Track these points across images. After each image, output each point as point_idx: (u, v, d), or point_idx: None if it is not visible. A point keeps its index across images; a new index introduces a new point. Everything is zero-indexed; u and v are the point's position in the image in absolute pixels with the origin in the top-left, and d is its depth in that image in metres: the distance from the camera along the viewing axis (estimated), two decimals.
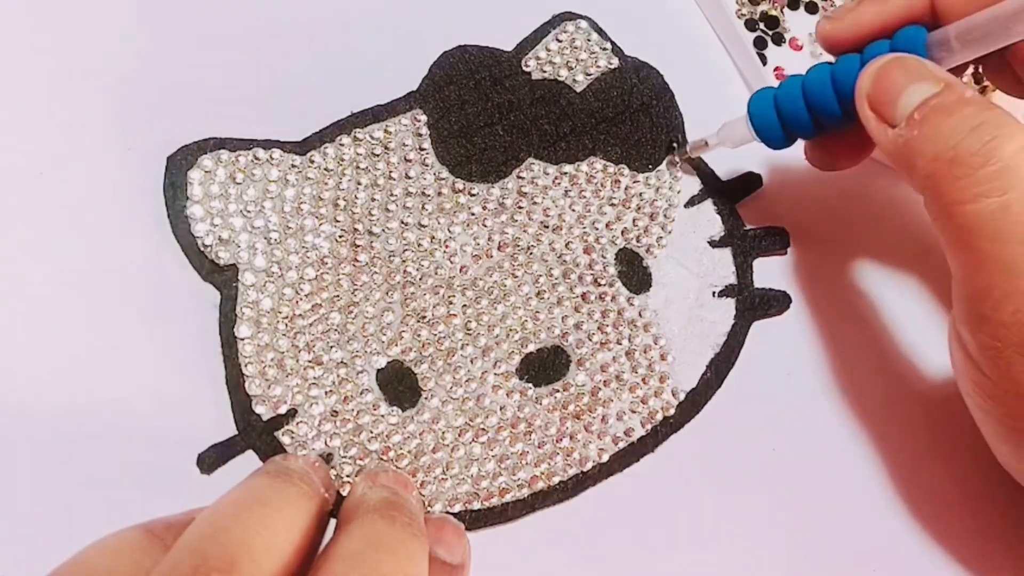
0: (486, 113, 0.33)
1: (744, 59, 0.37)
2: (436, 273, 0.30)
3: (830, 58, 0.29)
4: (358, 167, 0.31)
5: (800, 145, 0.31)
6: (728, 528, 0.30)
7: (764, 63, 0.37)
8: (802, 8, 0.39)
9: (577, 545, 0.29)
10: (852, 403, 0.32)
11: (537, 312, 0.31)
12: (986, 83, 0.39)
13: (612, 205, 0.33)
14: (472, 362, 0.30)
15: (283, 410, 0.28)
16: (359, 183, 0.31)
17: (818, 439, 0.32)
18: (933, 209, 0.25)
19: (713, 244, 0.33)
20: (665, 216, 0.33)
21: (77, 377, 0.28)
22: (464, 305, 0.30)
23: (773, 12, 0.38)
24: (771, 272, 0.34)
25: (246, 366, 0.28)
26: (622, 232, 0.33)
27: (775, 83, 0.36)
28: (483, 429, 0.29)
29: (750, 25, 0.37)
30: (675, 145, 0.34)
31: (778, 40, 0.38)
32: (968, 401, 0.27)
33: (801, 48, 0.38)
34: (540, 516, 0.29)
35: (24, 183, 0.29)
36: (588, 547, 0.29)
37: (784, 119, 0.29)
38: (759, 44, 0.37)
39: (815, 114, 0.28)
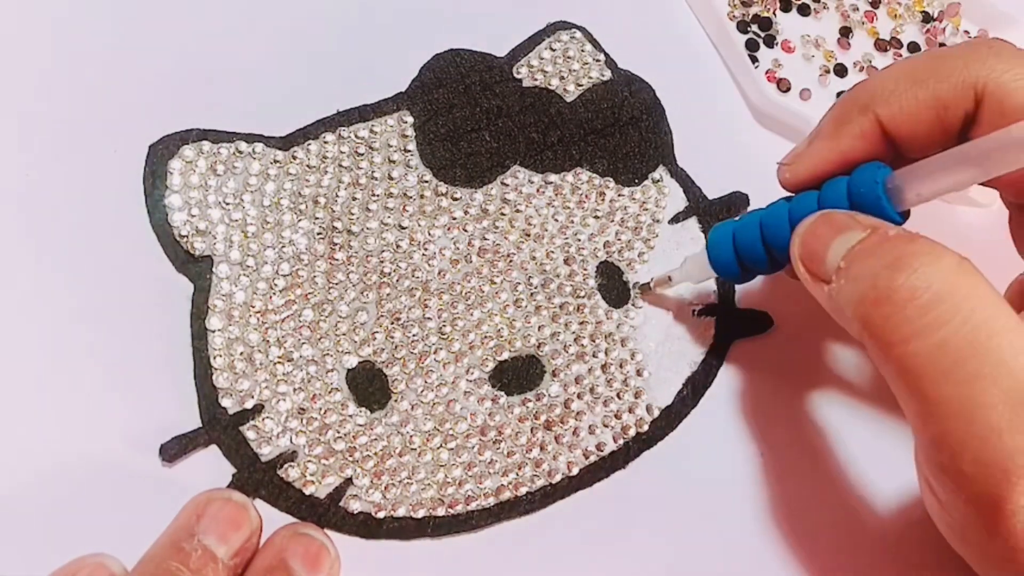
0: (474, 118, 0.32)
1: (735, 61, 0.37)
2: (413, 275, 0.30)
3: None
4: (341, 165, 0.31)
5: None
6: (695, 553, 0.29)
7: (756, 65, 0.37)
8: (795, 10, 0.39)
9: (541, 560, 0.28)
10: (833, 426, 0.32)
11: (513, 320, 0.30)
12: None
13: (596, 217, 0.33)
14: (444, 367, 0.29)
15: (250, 404, 0.28)
16: (341, 181, 0.31)
17: (797, 462, 0.31)
18: (873, 355, 0.23)
19: None
20: (649, 231, 0.33)
21: (46, 362, 0.27)
22: (440, 309, 0.30)
23: (765, 14, 0.38)
24: (754, 291, 0.33)
25: (215, 358, 0.28)
26: (604, 245, 0.32)
27: (766, 86, 0.36)
28: (452, 435, 0.29)
29: (742, 27, 0.37)
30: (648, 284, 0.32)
31: (770, 42, 0.38)
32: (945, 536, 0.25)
33: (793, 50, 0.38)
34: (505, 528, 0.29)
35: (4, 171, 0.29)
36: (552, 562, 0.28)
37: (741, 255, 0.28)
38: (751, 46, 0.37)
39: (771, 252, 0.27)
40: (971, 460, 0.20)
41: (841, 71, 0.38)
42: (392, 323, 0.29)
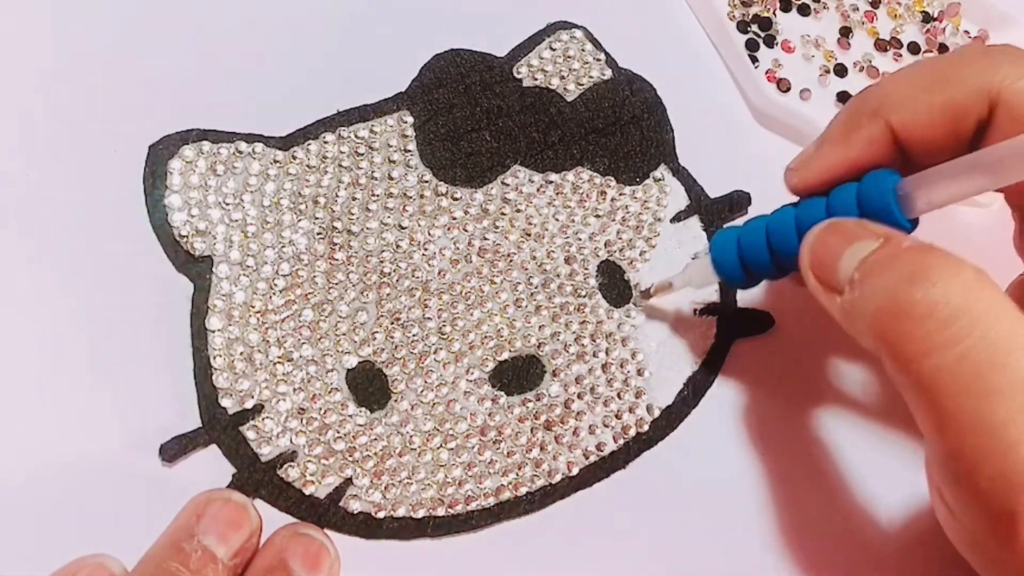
0: (474, 118, 0.32)
1: (735, 61, 0.37)
2: (413, 275, 0.30)
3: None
4: (341, 165, 0.31)
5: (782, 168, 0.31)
6: (695, 554, 0.29)
7: (756, 65, 0.37)
8: (794, 10, 0.39)
9: (541, 560, 0.28)
10: (835, 426, 0.32)
11: (513, 320, 0.30)
12: None
13: (597, 216, 0.32)
14: (444, 367, 0.29)
15: (249, 404, 0.28)
16: (341, 181, 0.31)
17: (798, 462, 0.31)
18: (889, 369, 0.22)
19: None
20: (650, 230, 0.33)
21: (45, 362, 0.27)
22: (440, 309, 0.30)
23: (765, 14, 0.38)
24: (755, 292, 0.33)
25: (215, 358, 0.28)
26: (605, 244, 0.32)
27: (766, 86, 0.36)
28: (452, 435, 0.29)
29: (742, 27, 0.37)
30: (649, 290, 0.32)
31: (770, 42, 0.37)
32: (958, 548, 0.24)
33: (793, 50, 0.38)
34: (505, 528, 0.29)
35: (4, 171, 0.29)
36: (552, 562, 0.28)
37: (746, 261, 0.28)
38: (751, 46, 0.37)
39: (777, 259, 0.27)
40: (987, 475, 0.20)
41: (841, 71, 0.38)
42: (392, 323, 0.29)
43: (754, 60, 0.37)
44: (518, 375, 0.30)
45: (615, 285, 0.32)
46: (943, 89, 0.25)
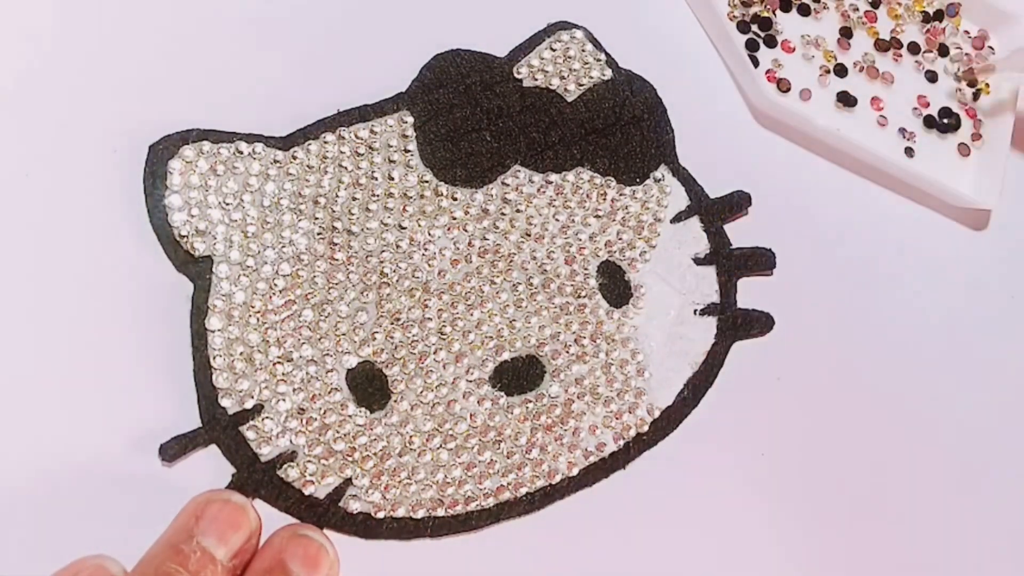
0: (474, 118, 0.32)
1: (735, 61, 0.37)
2: (413, 275, 0.30)
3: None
4: (341, 165, 0.31)
5: (796, 165, 0.31)
6: (695, 554, 0.29)
7: (756, 65, 0.37)
8: (794, 10, 0.39)
9: (541, 560, 0.28)
10: (834, 427, 0.32)
11: (514, 320, 0.30)
12: (979, 85, 0.39)
13: (597, 217, 0.32)
14: (444, 367, 0.29)
15: (249, 405, 0.28)
16: (341, 181, 0.31)
17: (798, 463, 0.31)
18: None
19: (698, 261, 0.33)
20: (650, 230, 0.33)
21: (46, 362, 0.27)
22: (440, 309, 0.30)
23: (765, 14, 0.38)
24: (755, 292, 0.33)
25: (215, 359, 0.28)
26: (605, 244, 0.32)
27: (766, 86, 0.36)
28: (452, 435, 0.29)
29: (742, 27, 0.37)
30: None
31: (770, 42, 0.37)
32: None
33: (793, 50, 0.38)
34: (505, 528, 0.29)
35: (3, 171, 0.29)
36: (552, 563, 0.28)
37: None
38: (751, 46, 0.37)
39: None
40: None
41: (841, 71, 0.38)
42: (392, 323, 0.29)
43: (754, 60, 0.37)
44: (518, 376, 0.30)
45: (615, 285, 0.32)
46: None
